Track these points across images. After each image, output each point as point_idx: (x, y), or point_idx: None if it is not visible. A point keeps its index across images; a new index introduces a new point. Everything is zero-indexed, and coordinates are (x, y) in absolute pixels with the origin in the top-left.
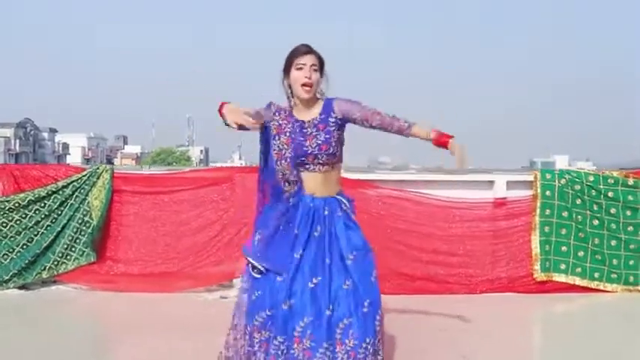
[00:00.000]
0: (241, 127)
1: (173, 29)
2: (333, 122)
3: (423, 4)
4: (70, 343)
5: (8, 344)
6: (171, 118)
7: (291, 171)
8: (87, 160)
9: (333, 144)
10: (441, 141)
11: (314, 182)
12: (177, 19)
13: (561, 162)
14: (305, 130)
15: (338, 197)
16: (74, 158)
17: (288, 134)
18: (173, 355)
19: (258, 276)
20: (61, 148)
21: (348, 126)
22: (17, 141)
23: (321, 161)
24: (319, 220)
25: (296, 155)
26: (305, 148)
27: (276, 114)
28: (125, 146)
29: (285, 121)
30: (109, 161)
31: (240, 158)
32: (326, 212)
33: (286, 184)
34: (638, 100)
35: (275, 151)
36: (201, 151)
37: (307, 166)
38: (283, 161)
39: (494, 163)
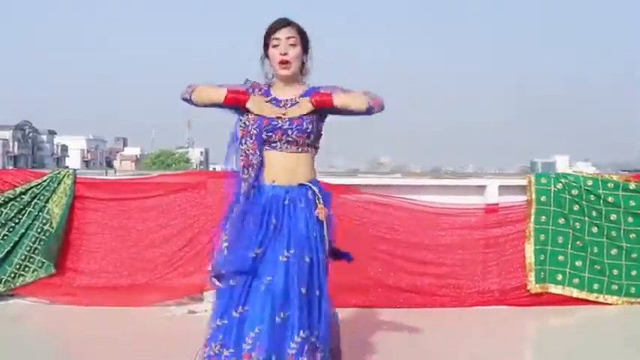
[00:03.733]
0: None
1: (172, 31)
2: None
3: (425, 7)
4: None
5: None
6: (171, 120)
7: (255, 150)
8: (86, 163)
9: (308, 123)
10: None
11: (277, 165)
12: (176, 22)
13: (562, 162)
14: (279, 107)
15: (306, 185)
16: (73, 160)
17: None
18: None
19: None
20: (59, 151)
21: (349, 126)
22: (16, 143)
23: (290, 138)
24: (277, 212)
25: (263, 129)
26: (274, 122)
27: (252, 91)
28: (125, 148)
29: (259, 97)
30: (109, 163)
31: None
32: (286, 202)
33: (245, 170)
34: (637, 100)
35: (241, 128)
36: (201, 152)
37: (274, 145)
38: (248, 139)
39: (495, 163)
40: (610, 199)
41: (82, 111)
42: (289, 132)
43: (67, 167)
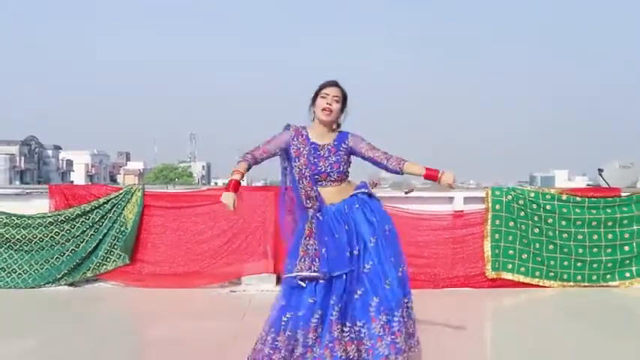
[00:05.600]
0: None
1: (174, 44)
2: (343, 149)
3: (424, 22)
4: (110, 328)
5: (60, 332)
6: (173, 135)
7: (311, 187)
8: (90, 177)
9: (343, 164)
10: (431, 175)
11: (330, 195)
12: (179, 34)
13: (561, 177)
14: (319, 152)
15: (355, 194)
16: (78, 175)
17: (305, 156)
18: (195, 333)
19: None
20: (65, 165)
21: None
22: (22, 158)
23: (332, 178)
24: (343, 217)
25: (314, 173)
26: (319, 168)
27: (295, 138)
28: (128, 162)
29: (302, 145)
30: (112, 178)
31: None
32: (346, 209)
33: (308, 200)
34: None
35: (297, 172)
36: (203, 167)
37: (321, 183)
38: (304, 179)
39: (494, 178)
40: (548, 207)
41: (86, 126)
42: (331, 175)
43: (71, 181)
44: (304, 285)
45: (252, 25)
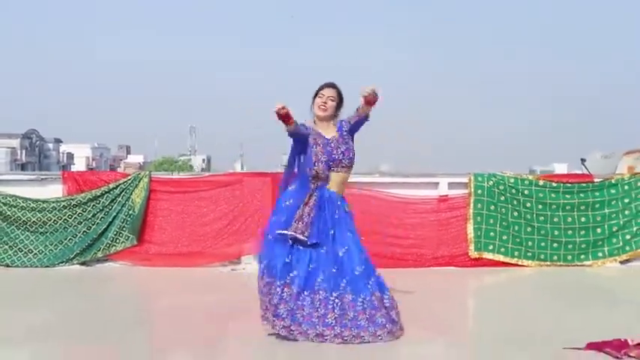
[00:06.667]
0: (287, 122)
1: (175, 39)
2: (346, 135)
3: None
4: (120, 304)
5: (73, 307)
6: (173, 128)
7: (323, 171)
8: (91, 170)
9: (352, 151)
10: (364, 101)
11: (336, 181)
12: (178, 30)
13: (560, 170)
14: (331, 144)
15: (343, 197)
16: (78, 168)
17: (321, 145)
18: (199, 306)
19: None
20: (65, 158)
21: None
22: (23, 151)
23: (344, 164)
24: (332, 207)
25: (329, 160)
26: (334, 155)
27: (311, 130)
28: (128, 156)
29: (317, 136)
30: (113, 171)
31: (242, 168)
32: (338, 203)
33: (315, 180)
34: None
35: (314, 155)
36: (203, 160)
37: (334, 169)
38: (320, 164)
39: (494, 170)
40: (526, 192)
41: (87, 119)
42: (343, 161)
43: None
44: (290, 242)
45: (252, 25)
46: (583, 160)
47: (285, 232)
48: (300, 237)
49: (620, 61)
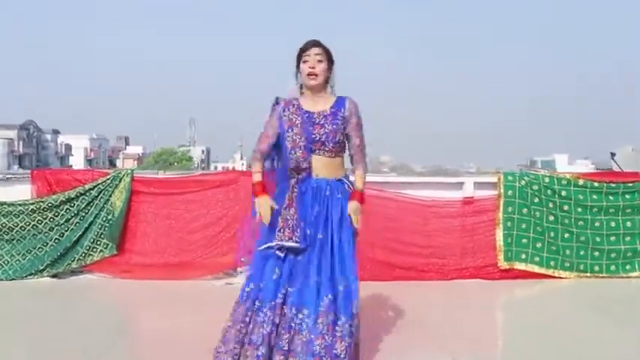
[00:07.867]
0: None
1: (173, 31)
2: (340, 117)
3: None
4: (96, 323)
5: (43, 325)
6: (172, 119)
7: (304, 157)
8: (89, 161)
9: (339, 134)
10: (352, 195)
11: (321, 165)
12: (177, 22)
13: (561, 161)
14: (314, 120)
15: (342, 179)
16: (77, 159)
17: (299, 126)
18: (188, 328)
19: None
20: (63, 150)
21: None
22: (21, 142)
23: (327, 148)
24: (319, 200)
25: (308, 142)
26: (314, 136)
27: (285, 110)
28: (127, 147)
29: (295, 115)
30: (111, 162)
31: (241, 158)
32: (327, 193)
33: (294, 172)
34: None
35: (289, 142)
36: (203, 151)
37: (316, 152)
38: (298, 149)
39: (495, 162)
40: (563, 193)
41: (85, 110)
42: (327, 143)
43: (70, 166)
44: (282, 255)
45: (252, 25)
46: (613, 155)
47: (270, 245)
48: (289, 244)
49: (616, 61)
